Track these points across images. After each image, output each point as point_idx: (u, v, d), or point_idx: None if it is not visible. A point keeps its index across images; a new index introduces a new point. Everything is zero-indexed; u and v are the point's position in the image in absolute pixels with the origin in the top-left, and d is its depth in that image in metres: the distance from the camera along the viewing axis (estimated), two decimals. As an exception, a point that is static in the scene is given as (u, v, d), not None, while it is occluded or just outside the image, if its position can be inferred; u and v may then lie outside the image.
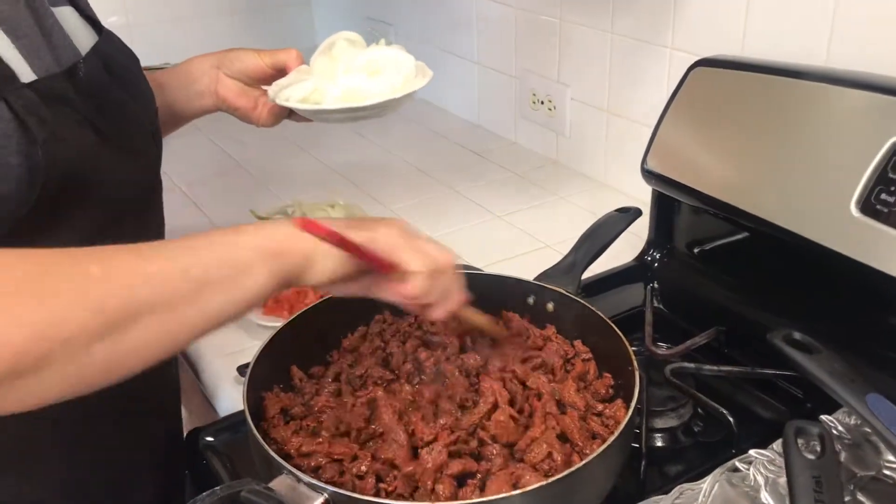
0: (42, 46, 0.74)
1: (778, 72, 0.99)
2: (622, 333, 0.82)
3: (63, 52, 0.77)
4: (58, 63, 0.75)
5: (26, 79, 0.70)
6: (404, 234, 0.71)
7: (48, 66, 0.74)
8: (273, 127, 1.07)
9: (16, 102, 0.68)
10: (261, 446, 0.70)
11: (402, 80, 1.00)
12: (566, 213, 1.41)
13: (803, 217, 0.91)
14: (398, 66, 1.00)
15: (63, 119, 0.72)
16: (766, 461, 0.78)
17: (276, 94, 1.00)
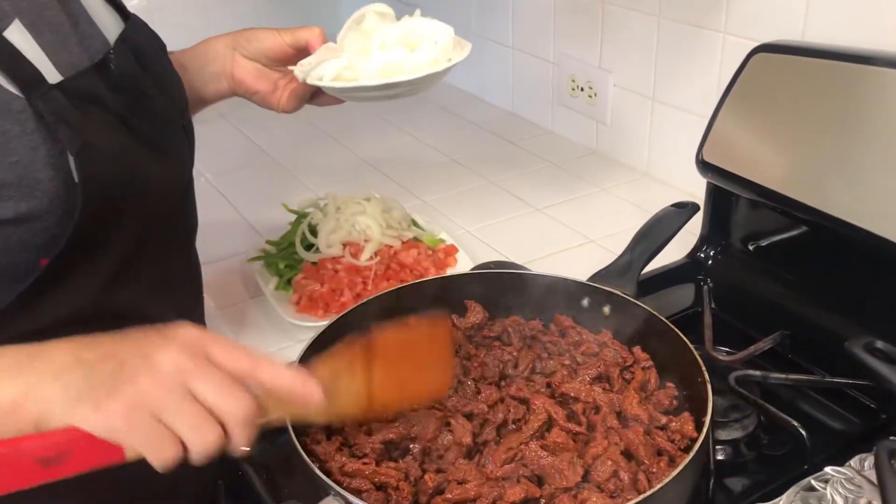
0: (70, 37, 0.69)
1: (845, 57, 0.92)
2: (688, 341, 0.77)
3: (92, 43, 0.71)
4: (87, 56, 0.70)
5: (53, 79, 0.65)
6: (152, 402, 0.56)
7: (76, 61, 0.68)
8: (294, 112, 0.99)
9: (44, 108, 0.62)
10: (305, 463, 0.65)
11: (441, 52, 0.92)
12: (609, 205, 1.35)
13: (874, 212, 0.85)
14: (436, 38, 0.93)
15: (95, 122, 0.67)
16: (844, 479, 0.72)
17: (306, 73, 0.92)
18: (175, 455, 0.57)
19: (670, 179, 1.38)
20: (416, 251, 1.11)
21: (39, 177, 0.62)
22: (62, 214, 0.64)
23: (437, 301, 0.89)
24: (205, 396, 0.57)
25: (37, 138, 0.62)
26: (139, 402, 0.55)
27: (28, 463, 0.54)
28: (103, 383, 0.56)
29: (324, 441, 0.73)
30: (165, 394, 0.56)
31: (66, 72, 0.67)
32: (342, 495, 0.61)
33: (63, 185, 0.63)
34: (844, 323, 0.89)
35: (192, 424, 0.57)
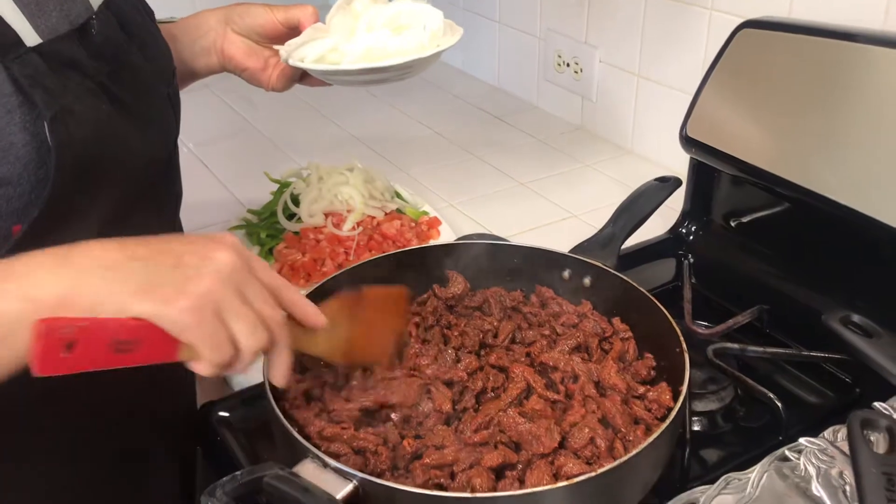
0: (49, 2, 0.67)
1: (831, 34, 0.92)
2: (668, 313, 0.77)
3: (73, 6, 0.69)
4: (68, 20, 0.68)
5: (31, 42, 0.63)
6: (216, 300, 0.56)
7: (56, 25, 0.67)
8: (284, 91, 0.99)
9: (19, 72, 0.61)
10: (283, 426, 0.65)
11: (429, 38, 0.91)
12: (593, 181, 1.35)
13: (856, 189, 0.86)
14: (425, 22, 0.92)
15: (73, 88, 0.65)
16: (817, 450, 0.73)
17: (290, 53, 0.91)
18: (229, 357, 0.58)
19: (655, 156, 1.38)
20: (399, 222, 1.11)
21: (14, 140, 0.61)
22: (36, 181, 0.63)
23: (419, 271, 0.89)
24: (254, 302, 0.58)
25: (12, 101, 0.61)
26: (207, 299, 0.55)
27: (103, 344, 0.53)
28: (168, 280, 0.55)
29: (303, 406, 0.73)
30: (228, 293, 0.57)
31: (46, 35, 0.65)
32: (319, 457, 0.61)
33: (37, 151, 0.62)
34: (822, 298, 0.90)
35: (250, 326, 0.58)
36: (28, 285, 0.54)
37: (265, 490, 0.59)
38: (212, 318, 0.56)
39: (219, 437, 0.83)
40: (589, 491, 0.61)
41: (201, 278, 0.56)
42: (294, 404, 0.72)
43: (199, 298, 0.55)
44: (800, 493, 0.71)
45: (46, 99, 0.62)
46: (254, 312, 0.58)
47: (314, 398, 0.75)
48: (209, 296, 0.56)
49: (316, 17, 0.94)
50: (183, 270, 0.56)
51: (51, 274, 0.54)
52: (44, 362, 0.51)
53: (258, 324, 0.59)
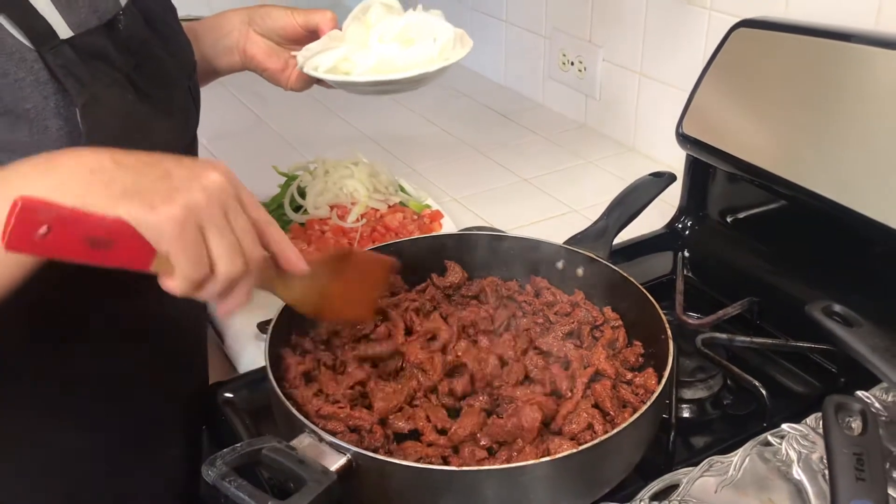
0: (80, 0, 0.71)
1: (824, 34, 0.94)
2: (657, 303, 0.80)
3: (102, 3, 0.73)
4: (96, 15, 0.72)
5: (63, 34, 0.67)
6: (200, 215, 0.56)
7: (85, 20, 0.71)
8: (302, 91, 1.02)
9: (53, 61, 0.65)
10: (282, 403, 0.68)
11: (438, 51, 0.93)
12: (594, 177, 1.38)
13: (846, 186, 0.88)
14: (435, 35, 0.93)
15: (102, 78, 0.69)
16: (798, 436, 0.76)
17: (305, 61, 0.94)
18: (202, 275, 0.58)
19: (655, 153, 1.40)
20: (402, 215, 1.14)
21: (49, 125, 0.65)
22: None
23: (418, 260, 0.92)
24: (236, 228, 0.58)
25: (48, 88, 0.65)
26: (193, 212, 0.56)
27: (79, 237, 0.53)
28: (154, 187, 0.55)
29: (302, 386, 0.76)
30: (215, 210, 0.57)
31: (77, 29, 0.69)
32: (315, 432, 0.64)
33: (69, 136, 0.66)
34: (811, 291, 0.92)
35: (229, 248, 0.58)
36: (14, 186, 0.54)
37: (263, 462, 0.63)
38: (192, 231, 0.56)
39: (223, 416, 0.86)
40: (572, 466, 0.64)
41: (189, 191, 0.56)
42: (293, 384, 0.76)
43: (183, 209, 0.55)
44: (781, 476, 0.74)
45: (78, 87, 0.66)
46: (235, 237, 0.58)
47: (313, 379, 0.78)
48: (194, 209, 0.56)
49: (334, 22, 0.95)
50: (171, 182, 0.56)
51: (37, 173, 0.56)
52: (15, 238, 0.51)
53: (237, 249, 0.59)
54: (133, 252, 0.55)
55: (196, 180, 0.57)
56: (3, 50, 0.63)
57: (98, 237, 0.54)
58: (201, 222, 0.56)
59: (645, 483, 0.72)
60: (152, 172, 0.56)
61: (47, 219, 0.52)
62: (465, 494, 0.63)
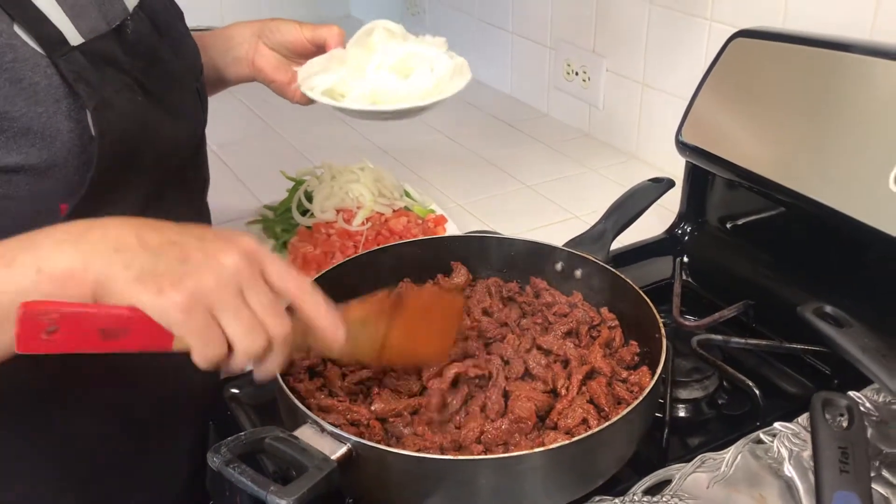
0: (90, 4, 0.74)
1: (820, 44, 0.96)
2: (650, 301, 0.82)
3: (110, 9, 0.76)
4: (105, 21, 0.75)
5: (74, 41, 0.70)
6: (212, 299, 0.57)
7: (95, 26, 0.73)
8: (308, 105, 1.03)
9: (65, 67, 0.67)
10: (286, 395, 0.71)
11: (434, 83, 0.92)
12: (597, 185, 1.40)
13: (840, 191, 0.89)
14: (432, 68, 0.92)
15: (112, 82, 0.72)
16: (790, 434, 0.77)
17: (304, 79, 0.94)
18: (220, 354, 0.59)
19: (656, 161, 1.43)
20: (406, 219, 1.16)
21: (61, 128, 0.68)
22: (80, 165, 0.69)
23: (422, 261, 0.95)
24: (255, 307, 0.59)
25: (60, 93, 0.67)
26: (201, 297, 0.56)
27: (92, 329, 0.55)
28: (168, 271, 0.56)
29: (305, 380, 0.78)
30: (226, 294, 0.57)
31: (87, 35, 0.72)
32: (318, 423, 0.67)
33: (80, 139, 0.68)
34: (805, 294, 0.94)
35: (245, 328, 0.59)
36: (42, 257, 0.57)
37: (266, 450, 0.65)
38: (202, 315, 0.57)
39: (229, 411, 0.88)
40: (565, 457, 0.66)
41: (199, 275, 0.57)
42: (298, 378, 0.78)
43: (192, 294, 0.56)
44: (772, 472, 0.75)
45: (89, 91, 0.69)
46: (253, 315, 0.59)
47: (317, 374, 0.80)
48: (203, 293, 0.57)
49: (341, 38, 0.95)
50: (185, 265, 0.57)
51: (64, 248, 0.57)
52: (23, 342, 0.54)
53: (256, 327, 0.59)
54: (151, 336, 0.56)
55: (210, 262, 0.58)
56: (18, 57, 0.66)
57: (109, 328, 0.56)
58: (211, 305, 0.57)
59: (639, 478, 0.74)
60: (171, 254, 0.58)
61: (53, 319, 0.54)
62: (462, 483, 0.65)
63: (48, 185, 0.67)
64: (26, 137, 0.67)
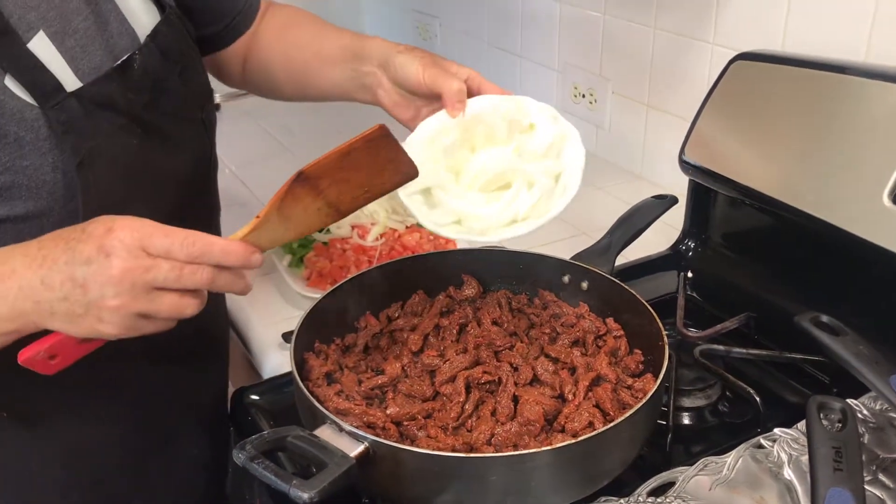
0: (95, 40, 0.73)
1: (817, 66, 1.00)
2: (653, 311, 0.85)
3: (119, 42, 0.76)
4: (111, 55, 0.75)
5: (71, 87, 0.70)
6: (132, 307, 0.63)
7: (99, 64, 0.73)
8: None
9: (55, 118, 0.68)
10: (305, 397, 0.74)
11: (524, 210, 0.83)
12: (603, 203, 1.44)
13: (837, 207, 0.92)
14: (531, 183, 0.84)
15: (105, 128, 0.72)
16: (790, 439, 0.80)
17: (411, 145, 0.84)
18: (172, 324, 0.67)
19: (661, 180, 1.46)
20: (419, 234, 1.20)
21: (47, 179, 0.69)
22: (67, 214, 0.71)
23: (435, 274, 0.98)
24: (168, 286, 0.64)
25: (47, 144, 0.68)
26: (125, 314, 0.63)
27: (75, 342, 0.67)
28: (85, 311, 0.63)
29: (323, 386, 0.82)
30: (139, 298, 0.63)
31: (86, 77, 0.72)
32: (336, 423, 0.70)
33: (67, 188, 0.70)
34: (804, 306, 0.96)
35: (172, 308, 0.65)
36: None
37: (288, 448, 0.68)
38: (137, 322, 0.64)
39: (250, 417, 0.92)
40: (571, 456, 0.69)
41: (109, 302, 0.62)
42: (316, 384, 0.82)
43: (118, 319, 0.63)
44: (772, 476, 0.78)
45: (77, 143, 0.69)
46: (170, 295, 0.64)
47: (335, 380, 0.84)
48: (123, 312, 0.63)
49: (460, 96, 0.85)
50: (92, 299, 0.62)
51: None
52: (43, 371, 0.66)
53: (179, 299, 0.65)
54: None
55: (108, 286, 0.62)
56: (4, 112, 0.66)
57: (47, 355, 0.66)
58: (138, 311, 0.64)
59: (643, 482, 0.77)
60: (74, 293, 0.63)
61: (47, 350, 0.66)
62: (473, 480, 0.69)
63: (35, 233, 0.67)
64: (11, 191, 0.68)
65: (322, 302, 0.90)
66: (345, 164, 0.74)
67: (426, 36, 2.09)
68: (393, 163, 0.78)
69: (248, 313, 1.13)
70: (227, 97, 1.92)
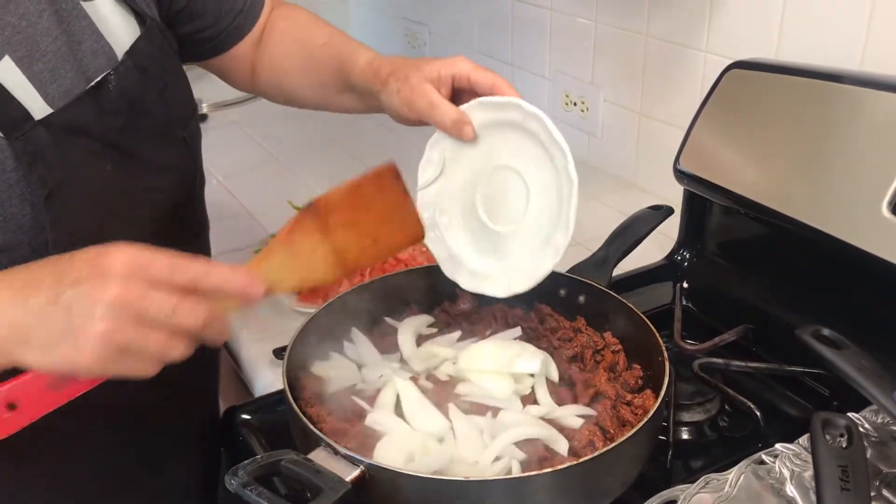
0: (66, 61, 0.70)
1: (812, 75, 1.00)
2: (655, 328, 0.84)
3: (93, 62, 0.72)
4: (84, 77, 0.71)
5: (40, 114, 0.67)
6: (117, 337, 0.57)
7: (70, 87, 0.70)
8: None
9: (22, 149, 0.65)
10: (299, 419, 0.72)
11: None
12: (597, 212, 1.43)
13: (835, 218, 0.92)
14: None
15: (76, 156, 0.69)
16: (792, 455, 0.79)
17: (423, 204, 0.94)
18: (154, 370, 0.60)
19: (654, 189, 1.45)
20: (413, 247, 1.18)
21: (14, 211, 0.66)
22: (36, 245, 0.68)
23: (430, 288, 0.97)
24: (159, 320, 0.58)
25: (13, 176, 0.65)
26: (107, 345, 0.57)
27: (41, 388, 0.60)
28: (64, 335, 0.57)
29: (317, 405, 0.80)
30: (126, 329, 0.57)
31: (57, 102, 0.68)
32: (331, 446, 0.68)
33: (36, 220, 0.67)
34: (802, 318, 0.95)
35: (158, 347, 0.59)
36: None
37: (282, 472, 0.66)
38: (118, 356, 0.57)
39: (241, 437, 0.90)
40: (572, 478, 0.68)
41: (94, 326, 0.56)
42: (309, 403, 0.80)
43: (99, 349, 0.56)
44: (774, 493, 0.77)
45: (45, 174, 0.66)
46: (158, 332, 0.58)
47: (327, 401, 0.82)
48: (107, 340, 0.56)
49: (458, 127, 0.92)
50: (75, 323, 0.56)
51: None
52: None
53: (168, 339, 0.59)
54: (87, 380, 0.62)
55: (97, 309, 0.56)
56: None
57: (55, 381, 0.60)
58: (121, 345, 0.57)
59: (644, 500, 0.76)
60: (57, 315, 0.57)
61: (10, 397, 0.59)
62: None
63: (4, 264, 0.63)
64: None
65: (315, 317, 0.88)
66: (354, 200, 0.73)
67: (415, 44, 2.08)
68: (400, 212, 0.76)
69: (238, 328, 1.11)
70: (214, 107, 1.90)
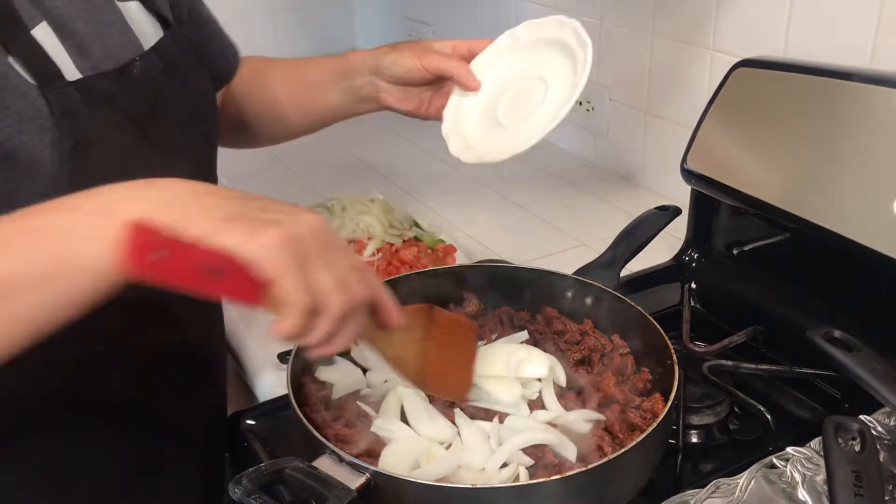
0: (94, 43, 0.74)
1: (821, 73, 0.98)
2: (661, 328, 0.83)
3: (121, 49, 0.77)
4: (111, 60, 0.75)
5: (71, 77, 0.70)
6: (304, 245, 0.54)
7: (97, 64, 0.74)
8: None
9: (55, 101, 0.68)
10: (304, 426, 0.72)
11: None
12: (603, 212, 1.42)
13: (845, 217, 0.91)
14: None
15: (101, 121, 0.72)
16: (803, 458, 0.77)
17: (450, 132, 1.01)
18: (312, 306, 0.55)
19: (661, 188, 1.44)
20: (416, 249, 1.18)
21: (43, 156, 0.68)
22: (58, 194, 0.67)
23: (434, 291, 0.96)
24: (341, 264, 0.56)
25: (46, 124, 0.67)
26: (294, 240, 0.53)
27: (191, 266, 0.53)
28: (254, 216, 0.54)
29: (322, 411, 0.79)
30: (314, 244, 0.55)
31: (87, 72, 0.72)
32: (336, 453, 0.67)
33: (61, 170, 0.68)
34: (813, 319, 0.94)
35: (335, 281, 0.55)
36: (109, 202, 0.54)
37: (286, 480, 0.66)
38: (296, 258, 0.53)
39: (245, 443, 0.89)
40: (581, 485, 0.67)
41: (290, 223, 0.54)
42: (314, 409, 0.79)
43: (285, 235, 0.53)
44: (786, 497, 0.75)
45: (73, 127, 0.69)
46: (341, 271, 0.56)
47: (332, 406, 0.81)
48: (295, 237, 0.54)
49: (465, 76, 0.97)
50: (270, 213, 0.55)
51: (134, 195, 0.55)
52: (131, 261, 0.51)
53: (345, 283, 0.56)
54: (241, 284, 0.53)
55: (294, 216, 0.55)
56: (8, 86, 0.66)
57: (210, 265, 0.53)
58: (305, 251, 0.54)
59: (654, 504, 0.75)
60: (252, 204, 0.56)
61: (163, 243, 0.52)
62: (479, 512, 0.66)
63: None
64: (8, 162, 0.67)
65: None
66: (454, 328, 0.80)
67: (418, 43, 2.07)
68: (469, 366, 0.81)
69: (242, 331, 1.10)
70: (219, 109, 1.89)
